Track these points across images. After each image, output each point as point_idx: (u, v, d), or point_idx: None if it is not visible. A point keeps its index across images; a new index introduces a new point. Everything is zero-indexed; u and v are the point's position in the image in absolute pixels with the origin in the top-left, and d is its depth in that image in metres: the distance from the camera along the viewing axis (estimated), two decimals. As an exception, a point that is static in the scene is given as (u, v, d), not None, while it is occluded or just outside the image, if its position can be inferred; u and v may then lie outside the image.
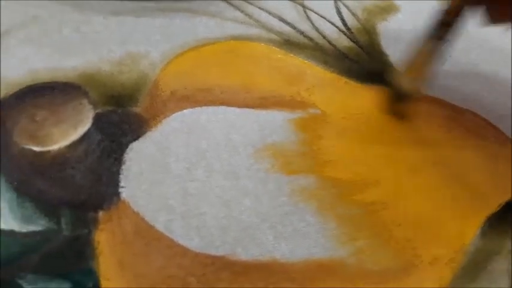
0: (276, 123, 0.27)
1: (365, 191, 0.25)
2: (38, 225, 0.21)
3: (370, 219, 0.24)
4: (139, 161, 0.24)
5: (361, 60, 0.32)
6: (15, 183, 0.22)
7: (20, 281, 0.19)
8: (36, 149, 0.23)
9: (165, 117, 0.27)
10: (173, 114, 0.27)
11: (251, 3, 0.34)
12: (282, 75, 0.30)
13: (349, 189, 0.25)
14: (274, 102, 0.28)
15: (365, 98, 0.29)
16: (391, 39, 0.33)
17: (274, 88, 0.29)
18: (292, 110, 0.28)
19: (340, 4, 0.35)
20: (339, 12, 0.35)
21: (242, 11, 0.34)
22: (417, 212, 0.25)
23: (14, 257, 0.19)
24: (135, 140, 0.25)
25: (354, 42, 0.33)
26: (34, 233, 0.20)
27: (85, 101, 0.26)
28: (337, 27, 0.34)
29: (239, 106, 0.28)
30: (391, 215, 0.24)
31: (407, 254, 0.23)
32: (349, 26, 0.34)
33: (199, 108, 0.28)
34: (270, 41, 0.32)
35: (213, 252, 0.21)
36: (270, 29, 0.33)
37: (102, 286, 0.19)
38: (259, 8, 0.34)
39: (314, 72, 0.31)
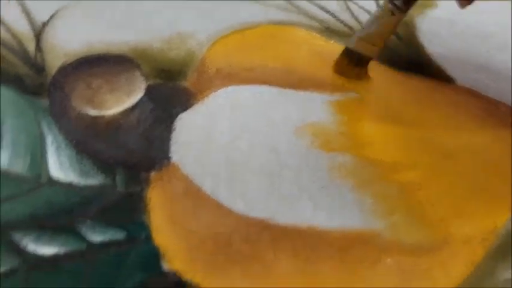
0: (315, 104, 0.28)
1: (401, 172, 0.26)
2: (95, 180, 0.22)
3: (405, 198, 0.25)
4: (188, 130, 0.26)
5: (399, 50, 0.33)
6: (74, 142, 0.23)
7: (79, 228, 0.20)
8: (92, 113, 0.25)
9: (211, 93, 0.28)
10: (218, 90, 0.28)
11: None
12: (322, 60, 0.31)
13: (385, 169, 0.26)
14: (314, 85, 0.30)
15: (403, 86, 0.30)
16: (428, 32, 0.34)
17: (314, 71, 0.30)
18: (332, 92, 0.29)
19: (377, -3, 0.36)
20: (378, 5, 0.36)
21: (284, -1, 0.35)
22: (451, 194, 0.25)
23: (73, 206, 0.21)
24: (183, 111, 0.26)
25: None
26: (91, 186, 0.22)
27: (137, 73, 0.27)
28: (375, 18, 0.35)
29: (280, 86, 0.29)
30: (425, 195, 0.25)
31: (441, 231, 0.24)
32: (387, 18, 0.35)
33: (243, 86, 0.29)
34: (310, 28, 0.33)
35: (255, 215, 0.23)
36: (311, 17, 0.34)
37: (154, 238, 0.21)
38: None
39: (353, 58, 0.32)
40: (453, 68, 0.31)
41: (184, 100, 0.27)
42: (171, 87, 0.27)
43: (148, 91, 0.27)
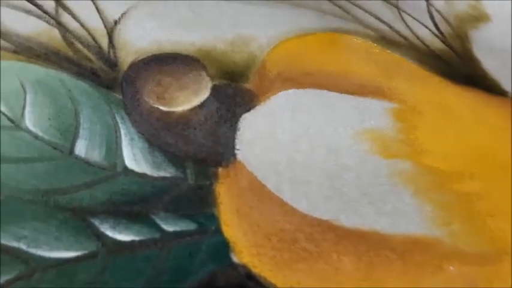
0: (374, 110, 0.29)
1: (460, 182, 0.26)
2: (167, 172, 0.23)
3: (465, 208, 0.25)
4: (251, 129, 0.26)
5: (455, 64, 0.33)
6: (146, 134, 0.24)
7: (154, 217, 0.21)
8: (163, 108, 0.26)
9: (272, 95, 0.29)
10: (280, 93, 0.29)
11: (348, 1, 0.36)
12: (379, 67, 0.32)
13: (445, 178, 0.26)
14: (372, 92, 0.30)
15: (460, 97, 0.30)
16: (483, 47, 0.34)
17: (371, 78, 0.31)
18: (390, 100, 0.30)
19: (432, 9, 0.36)
20: (432, 17, 0.36)
21: (340, 7, 0.35)
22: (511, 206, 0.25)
23: (147, 195, 0.22)
24: (247, 111, 0.27)
25: (447, 45, 0.34)
26: (164, 178, 0.23)
27: (203, 73, 0.28)
28: (430, 30, 0.35)
29: (338, 91, 0.30)
30: (485, 206, 0.25)
31: (501, 242, 0.24)
32: (442, 31, 0.35)
33: (303, 89, 0.30)
34: (366, 36, 0.34)
35: (318, 215, 0.23)
36: (366, 25, 0.34)
37: (223, 230, 0.21)
38: (356, 5, 0.36)
39: (410, 68, 0.32)
40: (507, 81, 0.32)
41: (247, 101, 0.28)
42: (235, 88, 0.28)
43: (214, 91, 0.28)
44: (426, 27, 0.36)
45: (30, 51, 0.28)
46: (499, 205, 0.25)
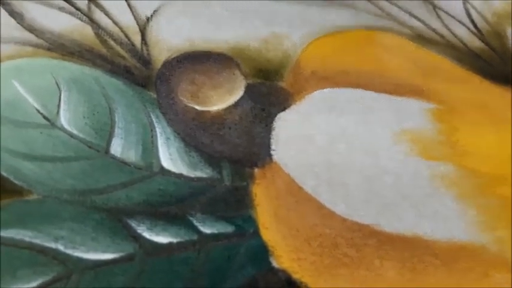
0: (412, 110, 0.28)
1: (504, 185, 0.25)
2: (203, 172, 0.23)
3: (510, 212, 0.24)
4: (287, 129, 0.26)
5: (494, 63, 0.32)
6: (182, 134, 0.24)
7: (191, 218, 0.21)
8: (198, 107, 0.25)
9: (307, 94, 0.28)
10: (315, 92, 0.28)
11: (383, -2, 0.35)
12: (417, 66, 0.31)
13: (488, 181, 0.25)
14: (410, 91, 0.29)
15: (502, 98, 0.29)
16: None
17: (409, 77, 0.30)
18: (428, 100, 0.29)
19: (468, 5, 0.35)
20: (469, 14, 0.35)
21: (374, 4, 0.34)
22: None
23: (184, 196, 0.22)
24: (282, 110, 0.26)
25: (485, 44, 0.33)
26: (200, 178, 0.22)
27: (237, 72, 0.28)
28: (467, 27, 0.34)
29: (375, 90, 0.29)
30: (530, 210, 0.24)
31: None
32: (480, 28, 0.34)
33: (338, 89, 0.29)
34: (401, 34, 0.33)
35: (358, 220, 0.22)
36: (401, 23, 0.33)
37: (262, 233, 0.21)
38: (391, 3, 0.35)
39: (449, 67, 0.31)
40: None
41: (282, 100, 0.27)
42: (269, 86, 0.28)
43: (248, 90, 0.27)
44: (463, 24, 0.35)
45: (63, 48, 0.28)
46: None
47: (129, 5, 0.31)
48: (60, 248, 0.19)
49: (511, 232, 0.23)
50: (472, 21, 0.35)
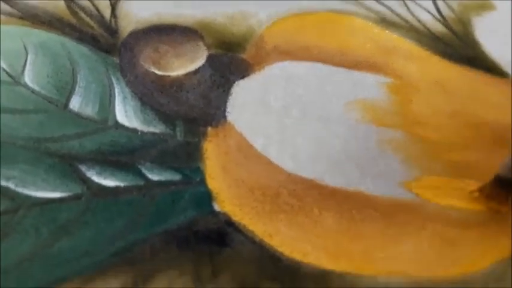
0: (368, 83, 0.29)
1: (452, 152, 0.26)
2: (157, 128, 0.24)
3: (454, 176, 0.25)
4: (244, 95, 0.27)
5: (455, 46, 0.33)
6: (140, 94, 0.25)
7: (140, 167, 0.22)
8: (159, 72, 0.27)
9: (267, 65, 0.29)
10: (275, 63, 0.29)
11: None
12: (378, 46, 0.32)
13: (437, 147, 0.26)
14: (368, 67, 0.30)
15: (458, 76, 0.30)
16: (485, 31, 0.34)
17: (369, 55, 0.31)
18: (385, 75, 0.30)
19: (436, -4, 0.36)
20: (435, 3, 0.36)
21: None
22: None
23: (135, 148, 0.23)
24: (241, 78, 0.28)
25: (448, 29, 0.34)
26: (153, 133, 0.23)
27: (201, 43, 0.29)
28: (432, 15, 0.35)
29: (334, 65, 0.30)
30: (475, 175, 0.25)
31: (490, 209, 0.24)
32: (444, 15, 0.35)
33: (298, 61, 0.30)
34: (367, 18, 0.34)
35: (303, 175, 0.23)
36: (367, 8, 0.35)
37: (208, 182, 0.22)
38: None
39: (409, 47, 0.32)
40: (508, 64, 0.31)
41: (242, 69, 0.28)
42: (231, 57, 0.29)
43: (210, 59, 0.28)
44: (429, 12, 0.36)
45: (35, 17, 0.29)
46: (489, 174, 0.25)
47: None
48: (11, 186, 0.20)
49: (453, 191, 0.24)
50: (438, 9, 0.36)
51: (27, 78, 0.25)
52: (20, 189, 0.20)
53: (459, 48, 0.33)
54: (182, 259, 0.19)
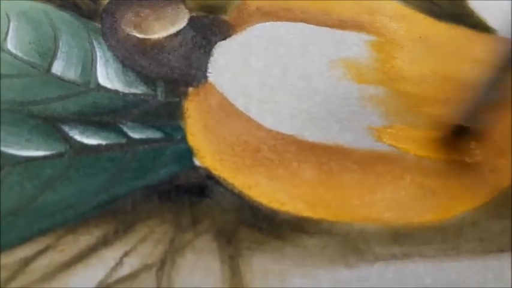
0: (351, 42, 0.29)
1: (433, 105, 0.26)
2: (138, 89, 0.24)
3: (434, 129, 0.25)
4: (225, 55, 0.27)
5: (441, 3, 0.33)
6: (120, 57, 0.25)
7: (121, 126, 0.22)
8: (139, 35, 0.27)
9: (249, 26, 0.29)
10: (257, 24, 0.29)
11: None
12: (362, 6, 0.32)
13: (417, 101, 0.26)
14: (352, 26, 0.30)
15: (443, 32, 0.30)
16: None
17: (353, 15, 0.31)
18: (368, 33, 0.30)
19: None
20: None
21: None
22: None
23: (117, 108, 0.23)
24: (222, 39, 0.28)
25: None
26: (134, 94, 0.24)
27: (182, 6, 0.29)
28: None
29: (317, 25, 0.30)
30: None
31: (468, 159, 0.24)
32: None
33: (281, 22, 0.30)
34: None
35: (283, 131, 0.24)
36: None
37: (188, 140, 0.22)
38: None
39: (393, 6, 0.32)
40: (495, 20, 0.31)
41: (224, 31, 0.28)
42: (213, 19, 0.29)
43: (191, 21, 0.28)
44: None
45: (17, -14, 0.29)
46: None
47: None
48: (-5, 146, 0.21)
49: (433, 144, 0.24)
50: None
51: (10, 45, 0.25)
52: (4, 149, 0.21)
53: (445, 5, 0.33)
54: (163, 209, 0.20)
